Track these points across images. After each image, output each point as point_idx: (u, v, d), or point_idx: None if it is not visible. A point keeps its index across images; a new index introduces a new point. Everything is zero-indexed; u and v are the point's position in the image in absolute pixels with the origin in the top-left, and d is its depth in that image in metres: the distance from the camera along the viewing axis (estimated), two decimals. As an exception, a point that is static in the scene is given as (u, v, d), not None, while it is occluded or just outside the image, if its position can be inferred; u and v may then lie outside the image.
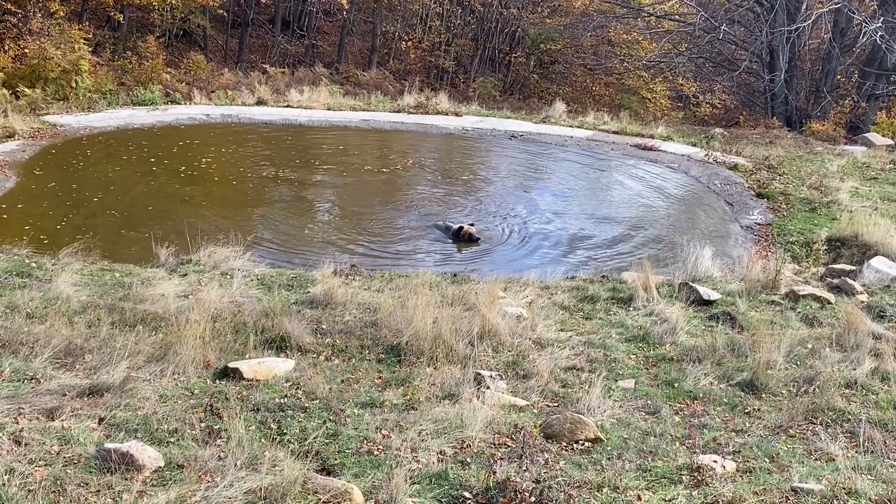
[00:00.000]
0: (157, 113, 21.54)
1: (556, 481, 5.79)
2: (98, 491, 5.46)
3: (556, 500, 5.61)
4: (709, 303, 10.52)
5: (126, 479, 5.60)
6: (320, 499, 5.55)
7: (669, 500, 5.86)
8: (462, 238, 13.94)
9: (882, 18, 25.42)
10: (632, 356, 8.96)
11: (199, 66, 25.95)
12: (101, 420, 6.53)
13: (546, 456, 6.38)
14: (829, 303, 10.65)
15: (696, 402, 7.87)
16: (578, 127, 24.26)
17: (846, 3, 26.37)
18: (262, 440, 6.45)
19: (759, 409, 7.74)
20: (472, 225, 14.26)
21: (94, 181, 15.96)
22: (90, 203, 14.74)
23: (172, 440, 6.35)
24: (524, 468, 6.01)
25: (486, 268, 12.75)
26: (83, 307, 9.16)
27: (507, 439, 6.76)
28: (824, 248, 13.58)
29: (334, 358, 8.45)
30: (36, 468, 5.64)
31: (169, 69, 25.05)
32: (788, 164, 20.18)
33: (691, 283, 10.92)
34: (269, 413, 6.99)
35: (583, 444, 6.75)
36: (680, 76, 32.04)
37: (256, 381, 7.63)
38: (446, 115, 24.43)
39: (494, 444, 6.66)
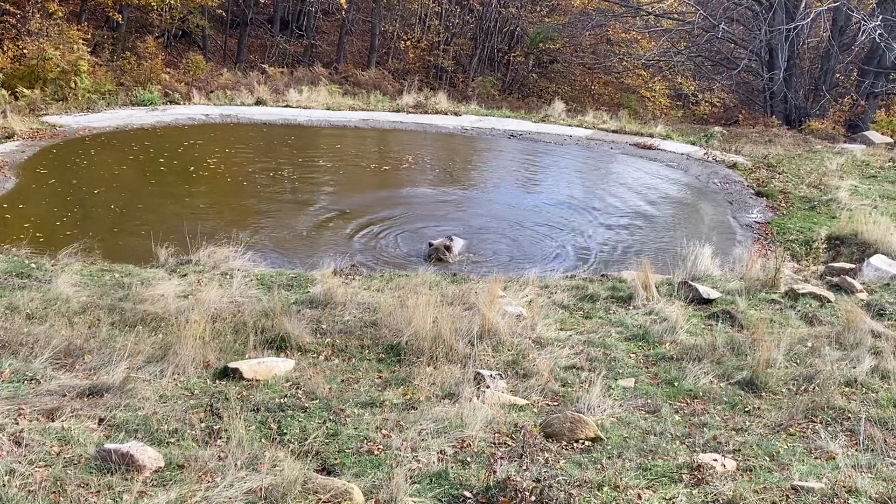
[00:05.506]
0: (156, 113, 21.53)
1: (556, 480, 5.79)
2: (98, 491, 5.46)
3: (557, 499, 5.61)
4: (708, 301, 10.52)
5: (126, 479, 5.60)
6: (320, 498, 5.56)
7: (670, 499, 5.87)
8: (430, 257, 12.77)
9: (881, 17, 25.41)
10: (631, 355, 8.96)
11: (198, 66, 25.96)
12: (101, 420, 6.53)
13: (546, 455, 6.39)
14: (829, 301, 10.66)
15: (696, 400, 7.87)
16: (578, 126, 24.25)
17: (845, 2, 26.36)
18: (263, 440, 6.46)
19: (759, 408, 7.74)
20: (450, 239, 13.16)
21: (93, 181, 15.95)
22: (89, 203, 14.73)
23: (172, 440, 6.35)
24: (524, 467, 6.01)
25: (484, 267, 12.74)
26: (83, 308, 9.16)
27: (508, 438, 6.76)
28: (824, 246, 13.58)
29: (334, 358, 8.45)
30: (36, 469, 5.64)
31: (168, 69, 25.08)
32: (788, 163, 20.18)
33: (691, 282, 10.93)
34: (269, 413, 6.99)
35: (583, 443, 6.75)
36: (679, 75, 32.04)
37: (256, 381, 7.64)
38: (445, 114, 24.42)
39: (495, 444, 6.66)
